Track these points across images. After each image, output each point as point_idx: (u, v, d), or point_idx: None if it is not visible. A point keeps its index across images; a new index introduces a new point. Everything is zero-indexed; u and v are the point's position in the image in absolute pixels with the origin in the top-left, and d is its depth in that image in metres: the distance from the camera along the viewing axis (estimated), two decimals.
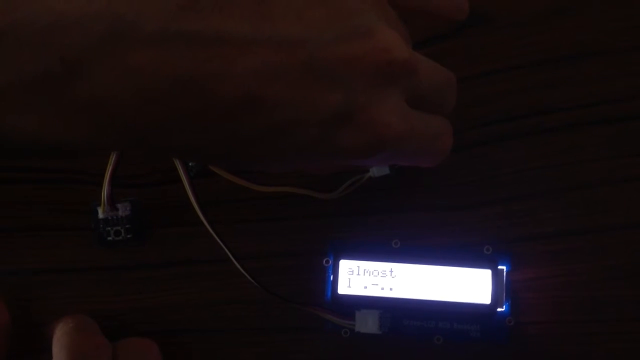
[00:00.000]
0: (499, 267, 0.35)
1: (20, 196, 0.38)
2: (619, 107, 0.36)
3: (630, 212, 0.36)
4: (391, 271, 0.35)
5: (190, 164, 0.35)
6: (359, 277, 0.35)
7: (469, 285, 0.35)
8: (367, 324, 0.35)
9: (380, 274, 0.35)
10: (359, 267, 0.35)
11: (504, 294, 0.35)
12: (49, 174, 0.38)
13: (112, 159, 0.35)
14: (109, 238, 0.37)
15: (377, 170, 0.36)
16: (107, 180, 0.35)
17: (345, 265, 0.35)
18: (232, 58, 0.22)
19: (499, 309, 0.35)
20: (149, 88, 0.21)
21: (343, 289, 0.35)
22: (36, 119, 0.21)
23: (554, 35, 0.37)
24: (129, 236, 0.37)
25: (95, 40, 0.20)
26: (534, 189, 0.36)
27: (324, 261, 0.36)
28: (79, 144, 0.22)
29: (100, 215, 0.37)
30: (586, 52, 0.37)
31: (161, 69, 0.21)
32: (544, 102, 0.37)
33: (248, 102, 0.22)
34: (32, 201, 0.38)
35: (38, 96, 0.21)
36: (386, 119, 0.25)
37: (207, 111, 0.22)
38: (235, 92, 0.22)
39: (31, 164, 0.38)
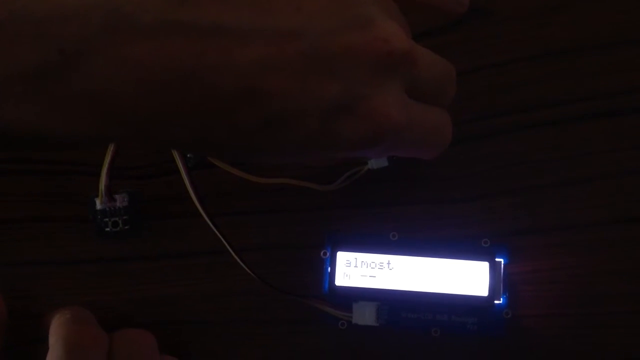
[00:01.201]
0: (497, 259, 0.35)
1: (17, 187, 0.38)
2: (618, 100, 0.36)
3: (629, 206, 0.36)
4: (389, 263, 0.35)
5: (188, 155, 0.35)
6: (357, 269, 0.35)
7: (466, 277, 0.35)
8: (365, 315, 0.35)
9: (378, 266, 0.35)
10: (356, 259, 0.35)
11: (502, 287, 0.35)
12: (47, 165, 0.38)
13: (110, 150, 0.35)
14: (107, 229, 0.37)
15: (376, 162, 0.36)
16: (105, 172, 0.35)
17: (343, 257, 0.35)
18: (230, 49, 0.22)
19: (496, 302, 0.35)
20: (147, 80, 0.21)
21: (340, 280, 0.35)
22: (35, 110, 0.21)
23: (552, 29, 0.37)
24: (126, 227, 0.37)
25: (93, 32, 0.20)
26: (531, 182, 0.36)
27: (322, 253, 0.36)
28: (78, 136, 0.22)
29: (98, 206, 0.37)
30: (585, 46, 0.37)
31: (159, 60, 0.21)
32: (542, 96, 0.37)
33: (247, 93, 0.22)
34: (30, 192, 0.38)
35: (37, 88, 0.21)
36: (385, 110, 0.25)
37: (206, 103, 0.22)
38: (234, 84, 0.22)
39: (30, 155, 0.38)
